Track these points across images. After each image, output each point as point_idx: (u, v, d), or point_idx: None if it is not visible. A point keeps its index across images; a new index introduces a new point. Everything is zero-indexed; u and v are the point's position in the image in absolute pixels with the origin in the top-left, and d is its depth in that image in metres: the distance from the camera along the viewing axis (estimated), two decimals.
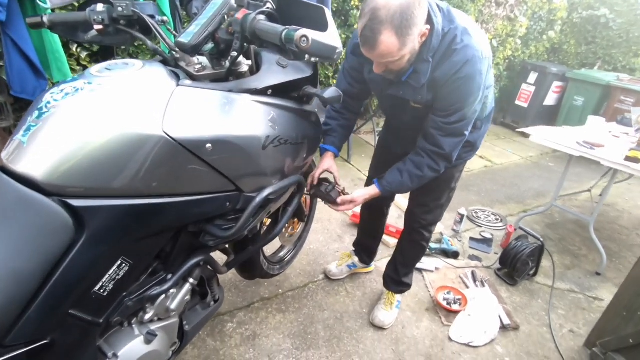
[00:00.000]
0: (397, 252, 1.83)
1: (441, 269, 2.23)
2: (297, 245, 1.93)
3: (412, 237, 1.72)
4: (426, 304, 1.97)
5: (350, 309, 1.87)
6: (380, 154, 1.82)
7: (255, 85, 1.01)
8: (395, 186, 1.39)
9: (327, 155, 1.51)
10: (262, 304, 1.82)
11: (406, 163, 1.37)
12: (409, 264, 1.83)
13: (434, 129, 1.28)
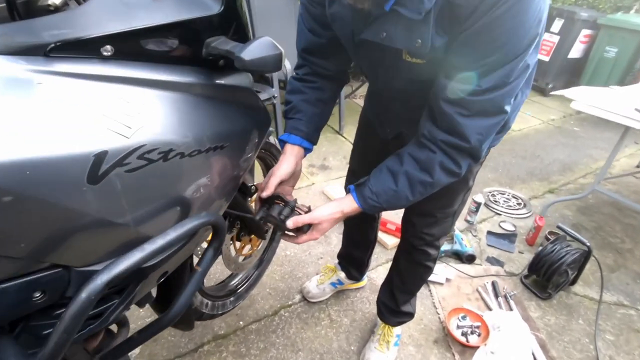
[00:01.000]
0: (394, 274, 1.33)
1: (453, 280, 1.74)
2: (258, 268, 1.42)
3: (412, 257, 1.22)
4: (434, 332, 1.50)
5: (333, 347, 1.40)
6: (362, 140, 1.26)
7: (67, 33, 0.44)
8: (385, 199, 0.83)
9: (289, 153, 0.95)
10: (214, 345, 1.35)
11: (404, 160, 0.81)
12: (410, 290, 1.33)
13: (450, 103, 0.72)
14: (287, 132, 0.97)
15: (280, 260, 1.77)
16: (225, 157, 0.67)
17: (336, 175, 2.51)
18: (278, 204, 0.88)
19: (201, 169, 0.61)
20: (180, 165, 0.56)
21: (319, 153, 2.77)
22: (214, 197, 0.67)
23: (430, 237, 1.15)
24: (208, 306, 1.17)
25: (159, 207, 0.56)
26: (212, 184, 0.64)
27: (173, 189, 0.57)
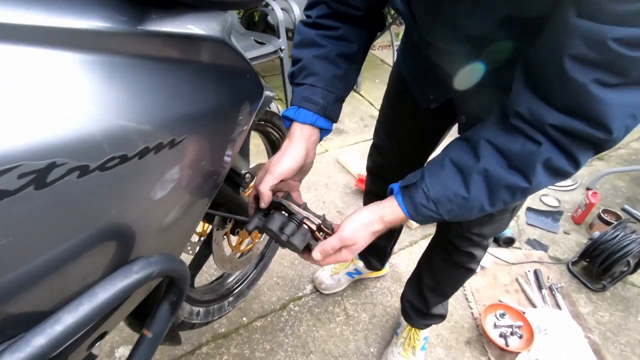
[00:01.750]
0: (425, 272, 1.10)
1: (489, 267, 1.51)
2: (263, 259, 1.21)
3: (451, 258, 0.97)
4: (467, 332, 1.30)
5: (350, 348, 1.22)
6: (391, 107, 0.96)
7: None
8: (447, 208, 0.56)
9: (296, 137, 0.65)
10: (213, 346, 1.19)
11: (481, 152, 0.53)
12: (445, 292, 1.11)
13: (583, 63, 0.41)
14: (295, 104, 0.66)
15: None
16: (190, 151, 0.41)
17: (352, 140, 2.22)
18: (280, 213, 0.62)
19: (148, 179, 0.36)
20: (105, 182, 0.31)
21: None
22: (178, 212, 0.42)
23: (479, 238, 0.89)
24: (200, 314, 0.97)
25: (75, 250, 0.31)
26: (167, 195, 0.39)
27: (98, 215, 0.32)
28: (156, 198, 0.39)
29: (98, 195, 0.32)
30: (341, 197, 1.80)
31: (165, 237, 0.42)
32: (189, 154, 0.42)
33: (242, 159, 0.80)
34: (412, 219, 0.59)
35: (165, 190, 0.40)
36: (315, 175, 1.90)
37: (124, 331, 1.19)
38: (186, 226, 0.50)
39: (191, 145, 0.41)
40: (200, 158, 0.44)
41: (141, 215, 0.38)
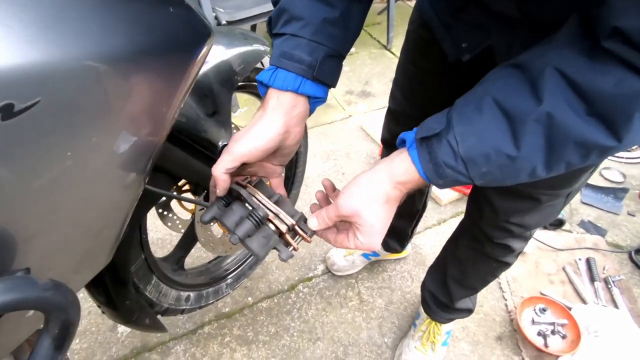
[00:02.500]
0: (451, 261, 0.93)
1: (530, 253, 1.30)
2: None
3: (484, 249, 0.80)
4: (498, 326, 1.14)
5: (362, 337, 1.11)
6: (411, 62, 0.76)
7: None
8: (483, 170, 0.39)
9: (271, 107, 0.48)
10: (216, 326, 1.12)
11: (545, 85, 0.34)
12: (473, 286, 0.94)
13: None
14: (272, 63, 0.49)
15: None
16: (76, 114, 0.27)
17: (380, 104, 2.00)
18: (243, 205, 0.47)
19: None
20: None
21: (360, 75, 2.23)
22: (74, 204, 0.30)
23: (519, 229, 0.71)
24: (190, 299, 0.89)
25: None
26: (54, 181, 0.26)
27: None
28: (35, 184, 0.26)
29: None
30: (363, 167, 1.63)
31: (62, 244, 0.31)
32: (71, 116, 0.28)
33: (219, 128, 0.66)
34: (430, 182, 0.42)
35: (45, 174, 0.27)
36: (335, 144, 1.73)
37: None
38: (97, 225, 0.38)
39: (74, 106, 0.28)
40: (95, 123, 0.30)
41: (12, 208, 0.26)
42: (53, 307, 0.27)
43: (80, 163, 0.31)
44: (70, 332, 0.31)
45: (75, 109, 0.29)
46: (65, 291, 0.29)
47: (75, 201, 0.34)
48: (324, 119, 1.90)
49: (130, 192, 0.41)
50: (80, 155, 0.31)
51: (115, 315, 0.72)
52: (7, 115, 0.24)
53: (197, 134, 0.62)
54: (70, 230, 0.35)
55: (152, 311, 0.77)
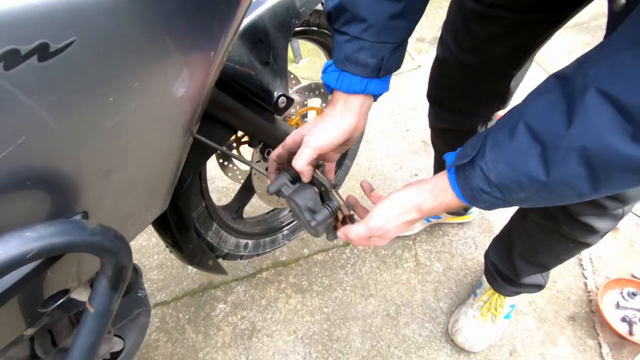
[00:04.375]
0: (517, 234, 0.84)
1: (623, 230, 1.12)
2: None
3: (558, 227, 0.70)
4: (572, 305, 1.03)
5: (416, 299, 1.09)
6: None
7: None
8: (523, 195, 0.37)
9: (341, 107, 0.50)
10: (273, 273, 1.18)
11: (584, 105, 0.30)
12: (544, 264, 0.84)
13: None
14: (338, 65, 0.49)
15: (361, 173, 1.40)
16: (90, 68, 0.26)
17: None
18: (311, 188, 0.52)
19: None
20: None
21: (433, 20, 1.99)
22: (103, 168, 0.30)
23: (615, 203, 0.60)
24: (249, 247, 0.93)
25: None
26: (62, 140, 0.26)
27: None
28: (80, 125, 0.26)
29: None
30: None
31: (114, 185, 0.31)
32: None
33: (274, 78, 0.62)
34: (471, 204, 0.42)
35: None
36: (401, 97, 1.61)
37: None
38: (149, 170, 0.38)
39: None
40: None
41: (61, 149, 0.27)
42: (102, 250, 0.28)
43: (124, 108, 0.30)
44: (123, 275, 0.32)
45: (113, 50, 0.27)
46: (114, 236, 0.29)
47: (124, 146, 0.34)
48: None
49: (179, 138, 0.41)
50: (124, 99, 0.29)
51: (181, 256, 0.78)
52: (43, 56, 0.23)
53: (251, 83, 0.59)
54: (122, 175, 0.35)
55: (213, 255, 0.82)
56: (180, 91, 0.34)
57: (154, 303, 1.15)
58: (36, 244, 0.24)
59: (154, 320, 1.12)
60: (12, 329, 0.37)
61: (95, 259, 0.39)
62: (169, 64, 0.32)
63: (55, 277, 0.35)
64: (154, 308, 1.14)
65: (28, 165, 0.26)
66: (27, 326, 0.38)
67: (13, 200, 0.27)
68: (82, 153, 0.30)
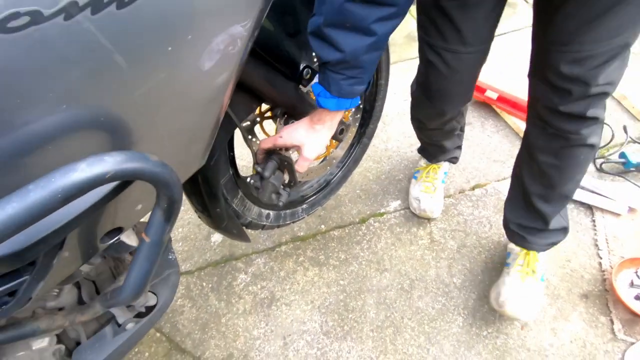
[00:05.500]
0: (529, 179, 0.88)
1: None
2: (342, 169, 1.12)
3: (552, 128, 0.76)
4: (586, 283, 1.04)
5: (429, 274, 1.12)
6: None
7: None
8: None
9: (329, 125, 0.69)
10: (292, 247, 1.23)
11: None
12: (564, 191, 0.86)
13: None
14: (334, 94, 0.62)
15: (378, 154, 1.43)
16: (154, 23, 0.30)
17: None
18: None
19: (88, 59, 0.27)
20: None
21: None
22: (158, 113, 0.34)
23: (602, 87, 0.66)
24: (270, 217, 0.98)
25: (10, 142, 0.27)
26: (129, 85, 0.30)
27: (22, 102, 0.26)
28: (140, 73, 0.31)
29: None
30: None
31: (172, 128, 0.35)
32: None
33: (300, 49, 0.66)
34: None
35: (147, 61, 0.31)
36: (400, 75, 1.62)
37: None
38: (194, 121, 0.42)
39: None
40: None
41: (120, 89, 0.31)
42: (161, 181, 0.32)
43: (180, 57, 0.34)
44: (175, 209, 0.36)
45: (175, 5, 0.31)
46: (171, 171, 0.33)
47: (177, 92, 0.38)
48: (407, 53, 1.77)
49: (221, 93, 0.45)
50: (180, 50, 0.33)
51: (209, 221, 0.83)
52: (121, 4, 0.27)
53: (279, 53, 0.63)
54: (174, 121, 0.39)
55: (238, 222, 0.87)
56: (225, 49, 0.38)
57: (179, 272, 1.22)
58: (113, 166, 0.28)
59: (179, 288, 1.19)
60: (72, 261, 0.42)
61: (148, 201, 0.44)
62: (218, 24, 0.36)
63: (113, 213, 0.40)
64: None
65: (101, 104, 0.31)
66: (83, 260, 0.44)
67: (88, 134, 0.31)
68: (144, 96, 0.35)
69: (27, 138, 0.28)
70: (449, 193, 1.28)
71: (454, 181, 1.31)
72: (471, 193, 1.27)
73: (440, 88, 0.85)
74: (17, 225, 0.25)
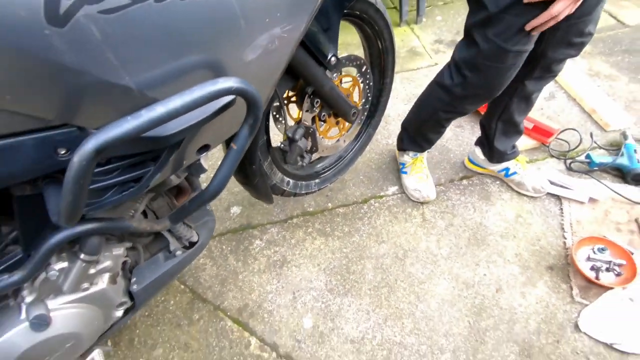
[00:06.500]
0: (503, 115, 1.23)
1: (601, 202, 1.32)
2: (349, 153, 1.31)
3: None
4: (552, 258, 1.23)
5: (420, 246, 1.30)
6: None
7: None
8: None
9: None
10: (302, 220, 1.41)
11: None
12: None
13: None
14: None
15: (380, 148, 1.63)
16: (259, 4, 0.49)
17: None
18: None
19: (219, 20, 0.46)
20: (186, 11, 0.43)
21: (452, 24, 2.23)
22: (249, 62, 0.53)
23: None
24: (290, 184, 1.16)
25: (166, 68, 0.46)
26: (238, 42, 0.50)
27: (180, 44, 0.45)
28: (234, 32, 0.50)
29: (199, 18, 0.45)
30: None
31: (247, 71, 0.54)
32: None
33: (328, 42, 0.86)
34: None
35: (240, 29, 0.50)
36: (418, 88, 1.83)
37: (238, 195, 1.50)
38: (262, 72, 0.60)
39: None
40: (274, 9, 0.53)
41: (225, 43, 0.50)
42: (254, 101, 0.51)
43: (269, 26, 0.54)
44: (257, 125, 0.55)
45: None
46: (260, 96, 0.53)
47: (264, 50, 0.57)
48: (410, 65, 2.00)
49: (285, 55, 0.63)
50: (273, 22, 0.53)
51: (243, 175, 1.01)
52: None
53: (314, 42, 0.83)
54: (259, 70, 0.58)
55: (267, 183, 1.05)
56: (290, 32, 0.58)
57: None
58: (235, 84, 0.47)
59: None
60: (177, 163, 0.60)
61: (230, 125, 0.63)
62: (287, 13, 0.55)
63: (209, 130, 0.58)
64: None
65: (222, 51, 0.50)
66: (182, 165, 0.62)
67: (218, 70, 0.50)
68: (249, 47, 0.53)
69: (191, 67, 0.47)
70: (440, 182, 1.48)
71: (446, 172, 1.51)
72: (459, 183, 1.47)
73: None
74: (178, 113, 0.44)
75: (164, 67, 0.45)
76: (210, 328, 1.17)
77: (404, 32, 2.22)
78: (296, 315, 1.18)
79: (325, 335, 1.13)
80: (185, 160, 0.61)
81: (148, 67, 0.44)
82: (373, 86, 1.19)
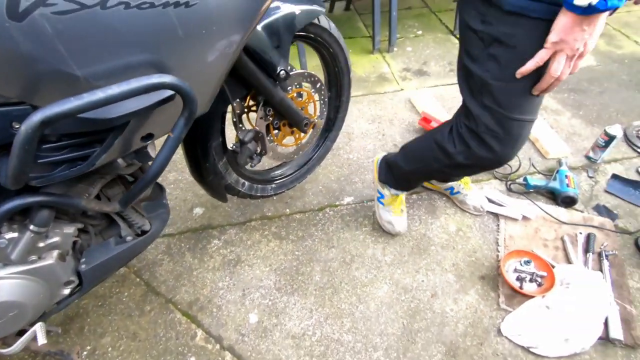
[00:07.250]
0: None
1: (533, 220, 1.45)
2: (307, 163, 1.42)
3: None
4: (485, 269, 1.34)
5: (367, 253, 1.39)
6: None
7: None
8: None
9: None
10: (260, 223, 1.50)
11: None
12: None
13: None
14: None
15: (341, 161, 1.74)
16: (196, 18, 0.61)
17: (433, 83, 2.19)
18: None
19: (159, 28, 0.57)
20: (128, 18, 0.53)
21: (420, 55, 2.41)
22: (186, 64, 0.64)
23: None
24: (245, 186, 1.25)
25: (109, 63, 0.56)
26: (176, 48, 0.60)
27: (122, 44, 0.55)
28: (173, 41, 0.61)
29: (139, 26, 0.55)
30: (402, 133, 1.87)
31: (189, 71, 0.65)
32: (201, 18, 0.62)
33: (279, 57, 0.98)
34: None
35: (178, 39, 0.61)
36: (382, 110, 1.99)
37: (202, 197, 1.58)
38: (208, 68, 0.70)
39: (202, 11, 0.61)
40: (210, 23, 0.64)
41: (165, 48, 0.61)
42: (189, 97, 0.61)
43: (209, 35, 0.65)
44: (191, 119, 0.65)
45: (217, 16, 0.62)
46: (194, 94, 0.63)
47: (204, 50, 0.67)
48: (377, 89, 2.15)
49: (225, 62, 0.74)
50: (212, 32, 0.64)
51: (198, 172, 1.10)
52: (187, 5, 0.58)
53: (265, 56, 0.95)
54: (196, 67, 0.69)
55: (221, 181, 1.14)
56: (226, 44, 0.69)
57: (162, 234, 1.46)
58: (169, 80, 0.57)
59: (161, 247, 1.42)
60: (122, 147, 0.69)
61: (172, 118, 0.72)
62: (231, 27, 0.67)
63: (153, 120, 0.68)
64: (161, 238, 1.45)
65: (163, 55, 0.60)
66: (128, 149, 0.71)
67: (159, 68, 0.60)
68: (188, 52, 0.64)
69: (136, 65, 0.58)
70: None
71: None
72: (409, 197, 1.58)
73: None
74: (115, 99, 0.54)
75: (107, 62, 0.56)
76: (159, 319, 1.22)
77: (375, 59, 2.40)
78: (243, 310, 1.24)
79: (268, 331, 1.19)
80: (131, 145, 0.70)
81: (93, 61, 0.54)
82: (330, 102, 1.31)
